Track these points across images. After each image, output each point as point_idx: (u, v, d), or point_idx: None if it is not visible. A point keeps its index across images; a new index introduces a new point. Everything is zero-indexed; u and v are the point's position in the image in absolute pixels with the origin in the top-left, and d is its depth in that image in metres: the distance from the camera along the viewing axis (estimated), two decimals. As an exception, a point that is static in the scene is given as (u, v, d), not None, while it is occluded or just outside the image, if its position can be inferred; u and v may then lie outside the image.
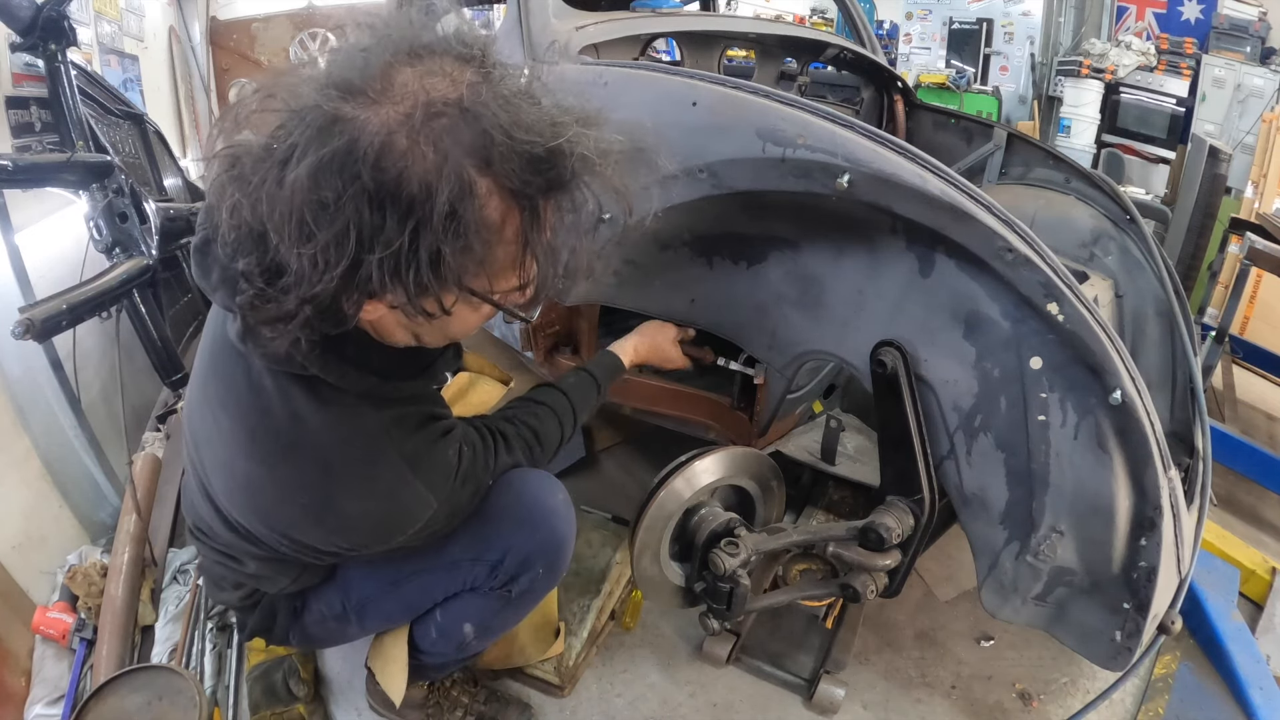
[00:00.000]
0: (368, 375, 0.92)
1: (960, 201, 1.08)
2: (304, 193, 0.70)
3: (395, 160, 0.70)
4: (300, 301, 0.75)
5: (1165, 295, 1.75)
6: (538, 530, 1.15)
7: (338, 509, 0.95)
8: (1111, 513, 1.14)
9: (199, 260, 0.91)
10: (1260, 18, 5.35)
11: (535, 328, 1.81)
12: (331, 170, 0.69)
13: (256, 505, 0.99)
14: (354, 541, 1.00)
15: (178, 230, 2.14)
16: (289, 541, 1.01)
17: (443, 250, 0.73)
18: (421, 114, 0.72)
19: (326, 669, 1.59)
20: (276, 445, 0.92)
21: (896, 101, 2.55)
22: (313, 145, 0.70)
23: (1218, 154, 2.93)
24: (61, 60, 2.00)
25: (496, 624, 1.25)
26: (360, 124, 0.70)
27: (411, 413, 0.98)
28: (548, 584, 1.22)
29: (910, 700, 1.59)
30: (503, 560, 1.14)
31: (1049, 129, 6.07)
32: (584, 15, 1.77)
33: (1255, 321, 3.38)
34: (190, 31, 4.59)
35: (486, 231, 0.76)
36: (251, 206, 0.73)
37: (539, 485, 1.17)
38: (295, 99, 0.73)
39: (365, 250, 0.71)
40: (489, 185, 0.74)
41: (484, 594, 1.18)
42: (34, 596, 1.63)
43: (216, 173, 0.77)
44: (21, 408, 1.74)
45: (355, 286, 0.74)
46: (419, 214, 0.71)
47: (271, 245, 0.74)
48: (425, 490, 0.97)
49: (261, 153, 0.73)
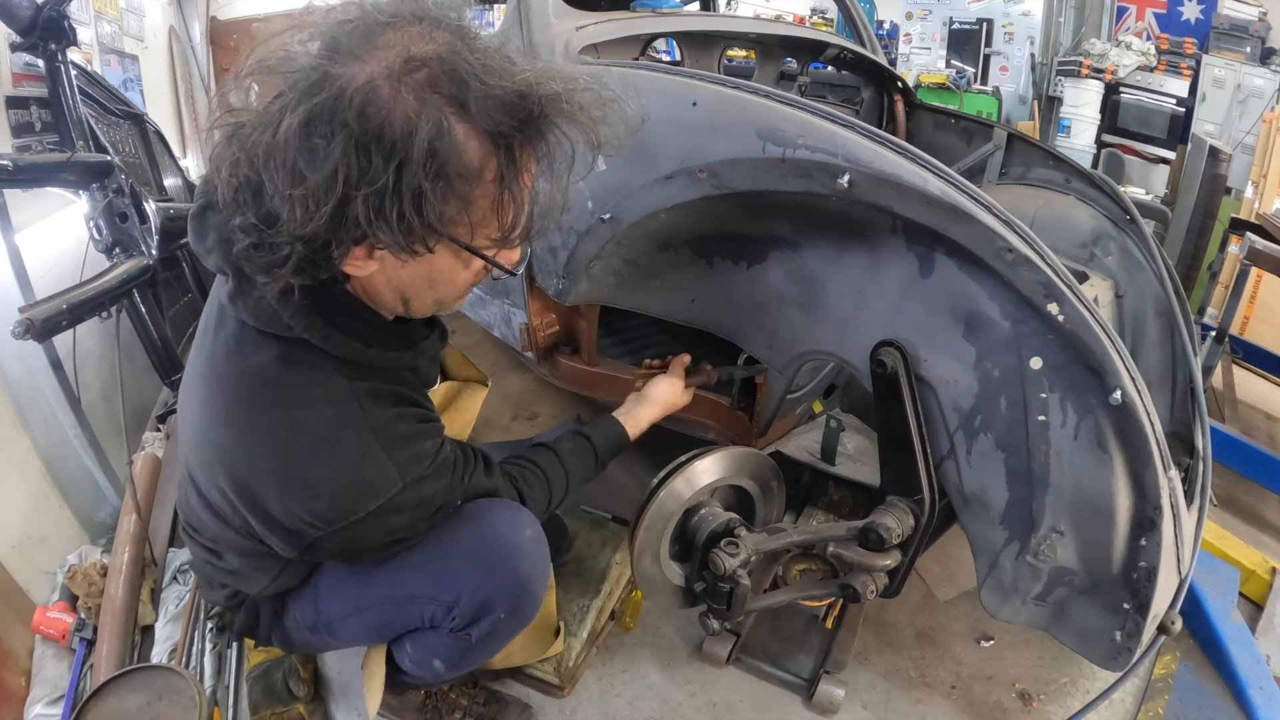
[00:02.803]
0: (351, 340, 0.94)
1: (960, 201, 1.08)
2: (296, 139, 0.75)
3: (380, 107, 0.76)
4: (292, 240, 0.80)
5: (1165, 295, 1.75)
6: (495, 571, 1.08)
7: (301, 473, 0.94)
8: (1111, 513, 1.14)
9: (196, 226, 0.94)
10: (1260, 18, 5.35)
11: (535, 328, 1.81)
12: (321, 119, 0.75)
13: (228, 469, 0.97)
14: (314, 511, 0.94)
15: (178, 230, 2.13)
16: (258, 514, 0.97)
17: (424, 187, 0.78)
18: (401, 66, 0.78)
19: (326, 669, 1.59)
20: (250, 409, 0.94)
21: (896, 101, 2.55)
22: (304, 99, 0.76)
23: (1218, 154, 2.94)
24: (61, 60, 1.99)
25: (466, 661, 1.21)
26: (347, 78, 0.76)
27: (390, 390, 0.99)
28: (512, 628, 1.16)
29: (910, 700, 1.59)
30: (457, 602, 1.08)
31: (1049, 129, 6.07)
32: (584, 15, 1.77)
33: (1255, 321, 3.38)
34: (190, 31, 4.59)
35: (467, 174, 0.81)
36: (249, 159, 0.78)
37: (503, 519, 1.11)
38: (289, 66, 0.79)
39: (352, 188, 0.76)
40: (467, 129, 0.80)
41: (445, 634, 1.13)
42: (34, 596, 1.63)
43: (217, 140, 0.82)
44: (21, 408, 1.74)
45: (343, 226, 0.79)
46: (401, 154, 0.76)
47: (267, 196, 0.79)
48: (390, 467, 0.95)
49: (260, 116, 0.79)
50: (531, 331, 1.81)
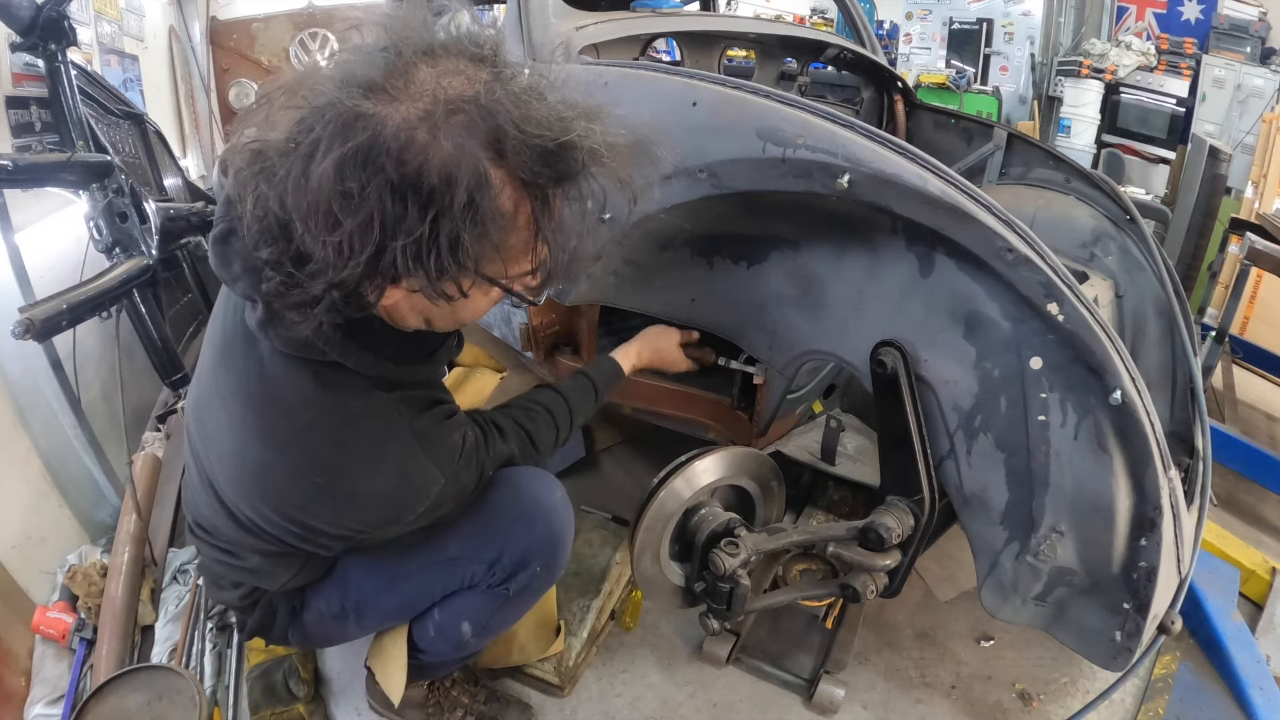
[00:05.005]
0: (382, 360, 0.96)
1: (960, 201, 1.08)
2: (330, 184, 0.74)
3: (416, 153, 0.74)
4: (327, 286, 0.80)
5: (1165, 295, 1.74)
6: (535, 527, 1.17)
7: (350, 486, 0.98)
8: (1111, 513, 1.14)
9: (219, 252, 0.94)
10: (1260, 18, 5.35)
11: (535, 328, 1.81)
12: (356, 163, 0.73)
13: (268, 491, 1.00)
14: (365, 521, 1.03)
15: (178, 230, 2.14)
16: (299, 527, 1.02)
17: (462, 237, 0.77)
18: (441, 110, 0.76)
19: (326, 669, 1.59)
20: (290, 427, 0.96)
21: (896, 102, 2.55)
22: (337, 140, 0.74)
23: (1218, 154, 2.93)
24: (61, 60, 1.99)
25: (494, 623, 1.25)
26: (382, 119, 0.74)
27: (418, 395, 1.02)
28: (546, 581, 1.23)
29: (910, 700, 1.59)
30: (500, 557, 1.16)
31: (1049, 129, 6.06)
32: (584, 15, 1.77)
33: (1255, 321, 3.38)
34: (190, 31, 4.58)
35: (501, 219, 0.80)
36: (278, 199, 0.77)
37: (537, 483, 1.19)
38: (317, 96, 0.77)
39: (389, 237, 0.75)
40: (503, 176, 0.79)
41: (482, 592, 1.19)
42: (34, 596, 1.63)
43: (239, 166, 0.80)
44: (21, 408, 1.74)
45: (379, 272, 0.78)
46: (439, 203, 0.75)
47: (297, 235, 0.78)
48: (433, 466, 1.01)
49: (286, 147, 0.77)
50: (532, 331, 1.81)
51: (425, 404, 1.02)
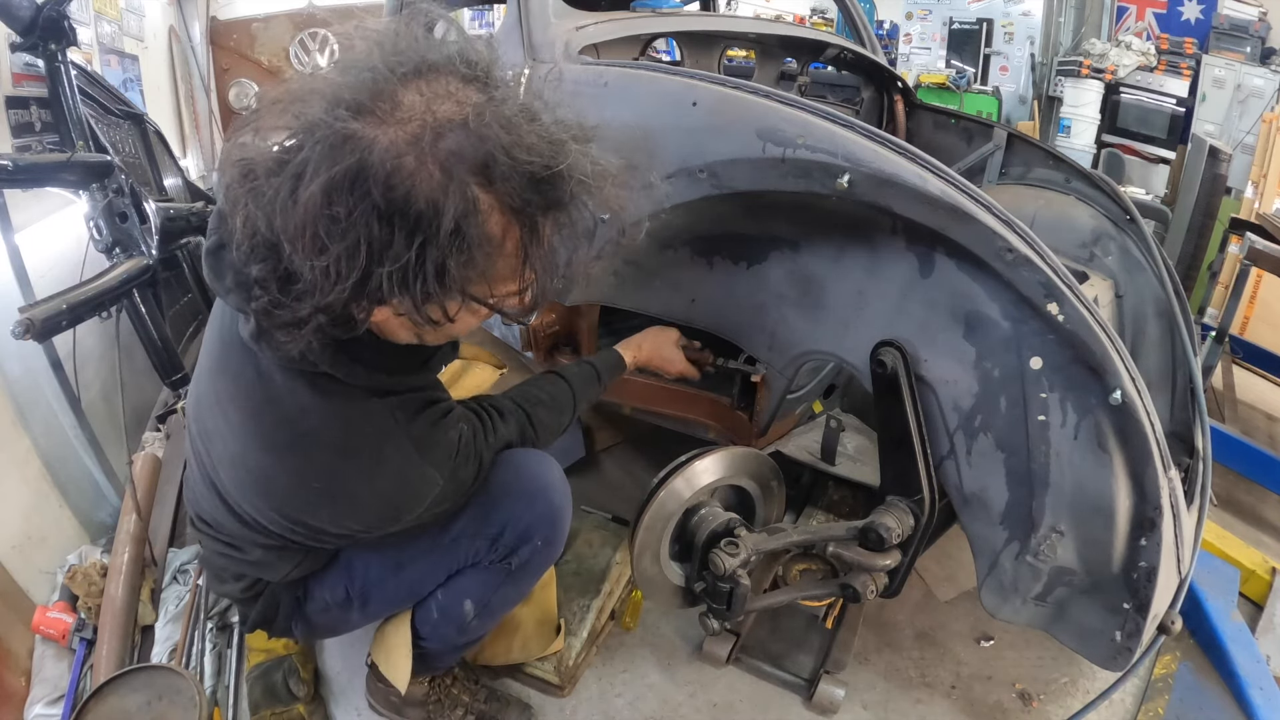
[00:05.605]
0: (375, 372, 0.97)
1: (960, 201, 1.08)
2: (317, 208, 0.73)
3: (404, 179, 0.73)
4: (314, 310, 0.79)
5: (1165, 295, 1.75)
6: (535, 502, 1.18)
7: (350, 491, 1.00)
8: (1111, 513, 1.14)
9: (212, 264, 0.94)
10: (1260, 18, 5.35)
11: (535, 328, 1.82)
12: (343, 188, 0.73)
13: (270, 494, 1.02)
14: (365, 522, 1.05)
15: (178, 230, 2.14)
16: (302, 528, 1.05)
17: (448, 263, 0.76)
18: (429, 135, 0.75)
19: (326, 669, 1.59)
20: (289, 435, 0.97)
21: (896, 101, 2.55)
22: (325, 162, 0.73)
23: (1218, 154, 2.93)
24: (61, 60, 1.99)
25: (496, 601, 1.26)
26: (370, 143, 0.74)
27: (413, 398, 1.02)
28: (547, 557, 1.25)
29: (910, 700, 1.59)
30: (502, 533, 1.17)
31: (1049, 129, 6.06)
32: (584, 15, 1.77)
33: (1255, 321, 3.38)
34: (190, 31, 4.59)
35: (489, 245, 0.79)
36: (266, 219, 0.76)
37: (536, 462, 1.22)
38: (306, 112, 0.76)
39: (375, 263, 0.75)
40: (491, 202, 0.78)
41: (485, 568, 1.21)
42: (34, 596, 1.63)
43: (229, 180, 0.80)
44: (21, 408, 1.74)
45: (365, 295, 0.78)
46: (426, 230, 0.74)
47: (285, 255, 0.78)
48: (431, 469, 1.02)
49: (274, 166, 0.76)
50: (532, 331, 1.81)
51: (420, 406, 1.03)
